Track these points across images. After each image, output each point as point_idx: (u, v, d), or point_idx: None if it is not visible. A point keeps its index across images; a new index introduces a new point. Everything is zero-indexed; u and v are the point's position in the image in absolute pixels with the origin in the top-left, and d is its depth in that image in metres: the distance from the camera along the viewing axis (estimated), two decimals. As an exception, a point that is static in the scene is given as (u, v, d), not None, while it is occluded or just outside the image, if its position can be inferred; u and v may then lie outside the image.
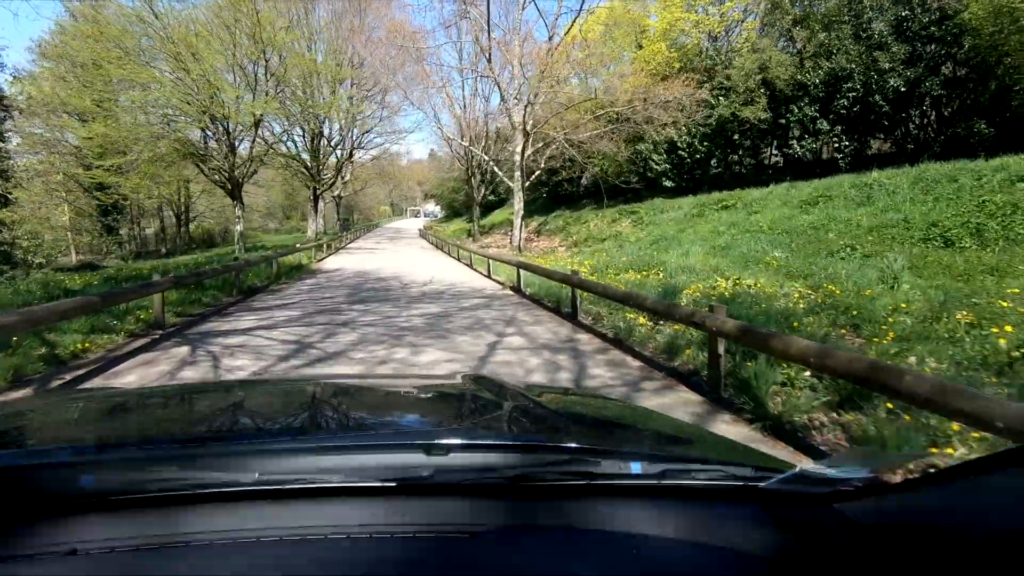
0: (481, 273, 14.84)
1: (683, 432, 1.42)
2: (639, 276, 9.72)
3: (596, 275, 10.07)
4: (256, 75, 19.09)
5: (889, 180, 12.12)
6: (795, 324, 5.39)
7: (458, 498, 0.81)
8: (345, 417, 1.33)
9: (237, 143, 20.37)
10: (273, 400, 1.46)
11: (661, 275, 9.70)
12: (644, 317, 6.53)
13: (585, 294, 7.70)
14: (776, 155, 26.04)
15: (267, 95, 19.07)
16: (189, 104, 16.71)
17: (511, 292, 11.00)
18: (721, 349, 4.15)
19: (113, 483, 0.77)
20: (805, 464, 0.94)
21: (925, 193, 10.84)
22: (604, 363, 5.32)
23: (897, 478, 0.94)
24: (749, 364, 4.20)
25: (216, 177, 20.50)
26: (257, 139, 21.64)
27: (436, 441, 0.87)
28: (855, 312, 5.89)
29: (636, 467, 0.85)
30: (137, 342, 6.21)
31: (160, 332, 6.68)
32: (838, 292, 6.50)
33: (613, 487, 0.85)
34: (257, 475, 0.78)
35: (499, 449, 0.90)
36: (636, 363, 5.31)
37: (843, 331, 5.52)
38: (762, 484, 0.85)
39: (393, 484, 0.79)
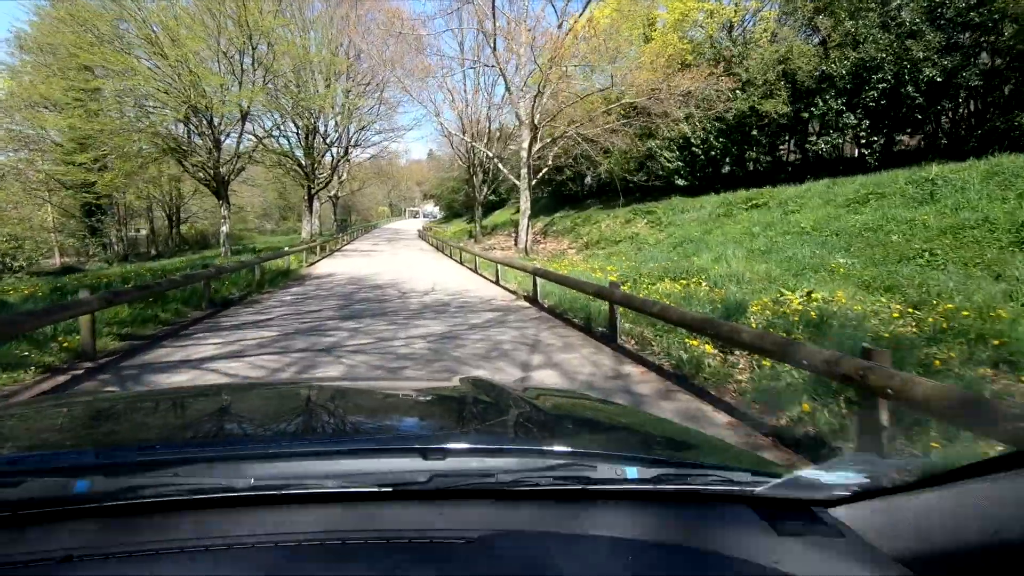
0: (488, 279, 13.40)
1: (679, 435, 1.40)
2: (678, 287, 8.27)
3: (628, 285, 8.62)
4: (242, 64, 17.53)
5: (955, 175, 10.69)
6: (936, 363, 3.95)
7: (454, 503, 0.80)
8: (341, 421, 1.29)
9: (223, 138, 18.84)
10: (269, 404, 1.44)
11: (704, 285, 8.25)
12: (711, 344, 5.09)
13: (623, 309, 6.26)
14: (795, 152, 24.79)
15: (254, 85, 17.55)
16: (167, 93, 15.21)
17: (526, 303, 9.56)
18: (885, 418, 2.71)
19: (108, 488, 0.75)
20: (800, 470, 0.89)
21: (1004, 189, 9.42)
22: (677, 416, 3.87)
23: (892, 483, 0.81)
24: (936, 445, 2.76)
25: (200, 175, 18.94)
26: (246, 134, 20.15)
27: (433, 445, 0.86)
28: (995, 341, 4.45)
29: (632, 472, 0.84)
30: (50, 381, 4.73)
31: (89, 365, 5.21)
32: (965, 312, 5.06)
33: (609, 491, 0.83)
34: (253, 480, 0.76)
35: (496, 453, 0.88)
36: (722, 418, 3.86)
37: (994, 373, 4.08)
38: (758, 489, 0.84)
39: (389, 489, 0.78)
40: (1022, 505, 0.60)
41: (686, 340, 5.23)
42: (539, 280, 9.46)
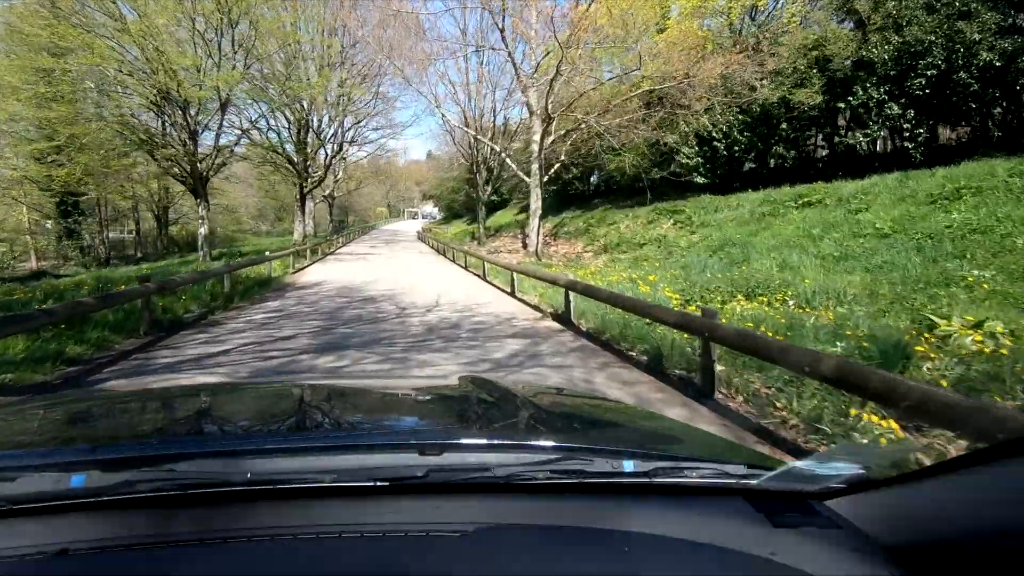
0: (500, 289, 11.47)
1: (675, 430, 1.40)
2: (758, 306, 6.33)
3: (693, 307, 6.67)
4: (219, 45, 15.57)
5: (1081, 164, 8.88)
6: None
7: (451, 497, 0.80)
8: (339, 418, 1.27)
9: (201, 130, 16.86)
10: (266, 402, 1.43)
11: (794, 305, 6.31)
12: (889, 418, 3.15)
13: (722, 350, 4.31)
14: (823, 147, 23.06)
15: (234, 69, 15.59)
16: (131, 75, 13.28)
17: (556, 323, 7.62)
18: None
19: (104, 483, 0.74)
20: (795, 461, 0.89)
21: None
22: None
23: (887, 474, 0.80)
24: None
25: (175, 170, 16.95)
26: (228, 126, 18.20)
27: (430, 441, 0.87)
28: None
29: (628, 465, 0.84)
30: None
31: None
32: None
33: (605, 485, 0.83)
34: (249, 475, 0.76)
35: (492, 448, 0.89)
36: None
37: None
38: (752, 482, 0.83)
39: (386, 484, 0.77)
40: (1015, 494, 0.59)
41: (852, 410, 3.28)
42: (571, 294, 7.55)
